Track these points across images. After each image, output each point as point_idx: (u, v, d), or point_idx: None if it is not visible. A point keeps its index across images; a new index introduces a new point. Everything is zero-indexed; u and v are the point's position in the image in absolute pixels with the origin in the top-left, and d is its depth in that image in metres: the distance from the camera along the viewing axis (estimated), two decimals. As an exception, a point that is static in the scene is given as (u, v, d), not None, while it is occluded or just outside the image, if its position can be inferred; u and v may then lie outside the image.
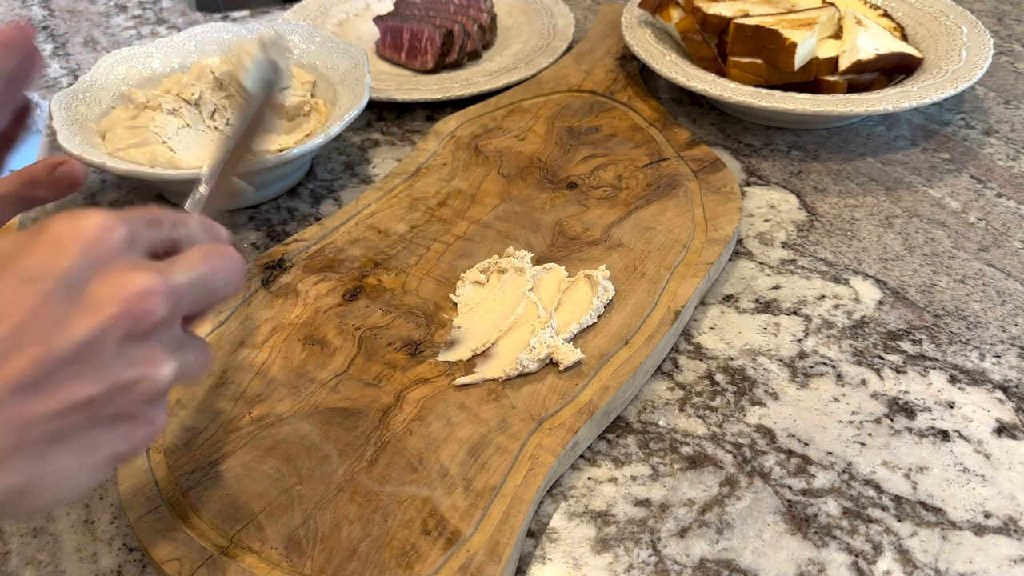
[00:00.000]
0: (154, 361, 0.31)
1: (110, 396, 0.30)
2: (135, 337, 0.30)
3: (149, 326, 0.30)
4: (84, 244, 0.30)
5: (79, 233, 0.30)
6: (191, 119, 0.63)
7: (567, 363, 0.48)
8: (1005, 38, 0.86)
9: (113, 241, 0.30)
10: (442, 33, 0.78)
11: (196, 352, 0.34)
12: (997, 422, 0.48)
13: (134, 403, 0.31)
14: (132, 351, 0.30)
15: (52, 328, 0.29)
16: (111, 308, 0.29)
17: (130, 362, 0.30)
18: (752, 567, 0.41)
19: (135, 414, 0.31)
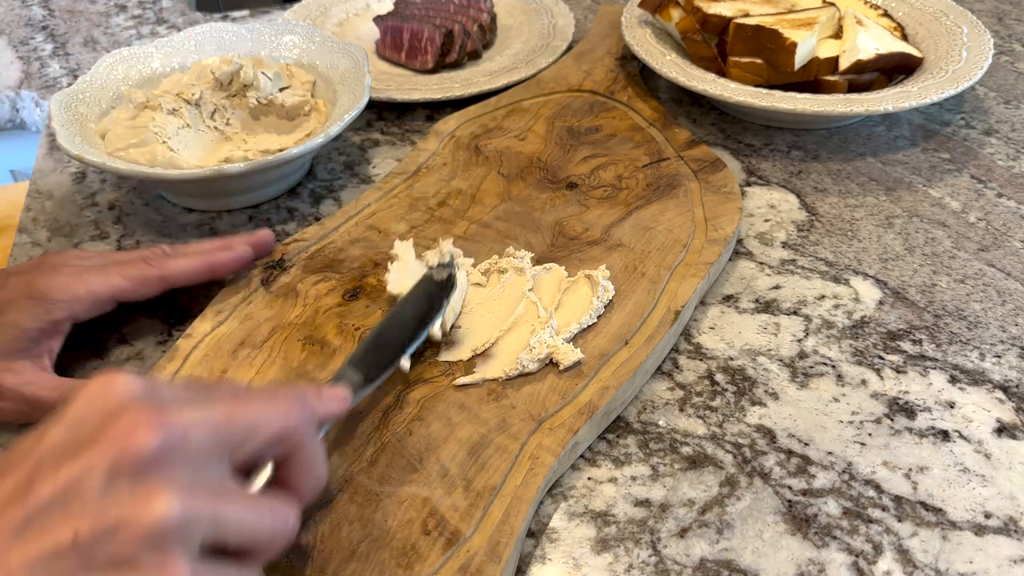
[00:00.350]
0: (147, 497, 0.28)
1: (98, 536, 0.27)
2: (125, 474, 0.28)
3: (138, 459, 0.28)
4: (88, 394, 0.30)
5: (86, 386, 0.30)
6: (191, 119, 0.63)
7: (567, 363, 0.48)
8: (1005, 38, 0.86)
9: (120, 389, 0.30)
10: (442, 33, 0.78)
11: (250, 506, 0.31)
12: (997, 422, 0.48)
13: (130, 546, 0.28)
14: (123, 488, 0.28)
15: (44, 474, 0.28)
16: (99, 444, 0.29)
17: (117, 499, 0.28)
18: (752, 567, 0.41)
19: (136, 559, 0.28)
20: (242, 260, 0.54)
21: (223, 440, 0.31)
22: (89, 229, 0.64)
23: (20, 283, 0.48)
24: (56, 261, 0.50)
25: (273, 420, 0.33)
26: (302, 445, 0.35)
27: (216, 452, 0.31)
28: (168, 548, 0.28)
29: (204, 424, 0.31)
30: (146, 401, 0.30)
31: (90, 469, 0.28)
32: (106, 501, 0.28)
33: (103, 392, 0.30)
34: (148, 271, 0.50)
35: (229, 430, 0.31)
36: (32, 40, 0.92)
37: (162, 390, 0.31)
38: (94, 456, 0.28)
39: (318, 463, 0.36)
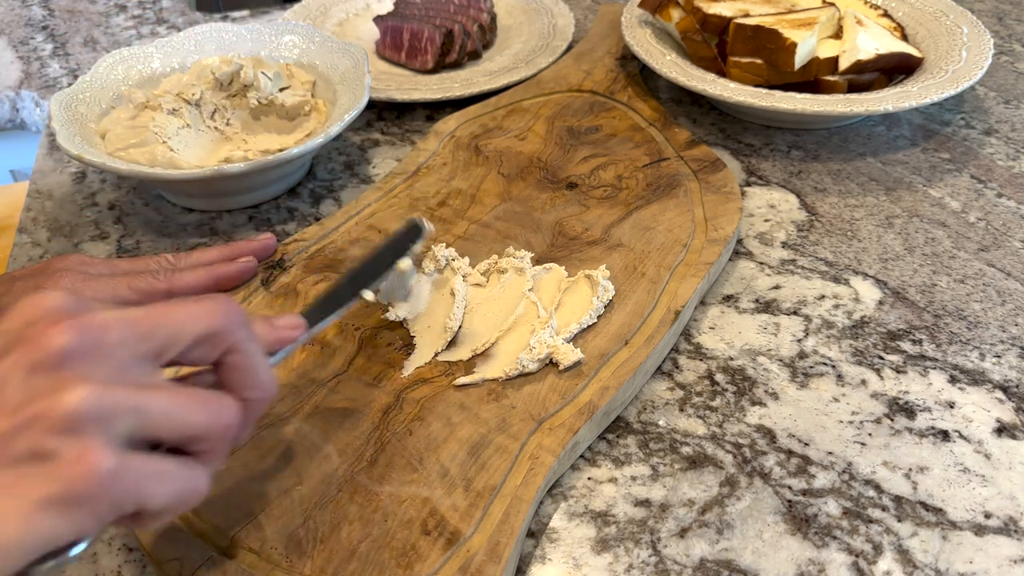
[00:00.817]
0: (59, 387, 0.29)
1: (16, 429, 0.28)
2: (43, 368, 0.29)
3: (54, 354, 0.29)
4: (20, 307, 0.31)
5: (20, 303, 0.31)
6: (191, 119, 0.63)
7: (567, 363, 0.47)
8: (1005, 38, 0.86)
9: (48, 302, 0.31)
10: (442, 33, 0.78)
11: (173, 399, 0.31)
12: (997, 422, 0.48)
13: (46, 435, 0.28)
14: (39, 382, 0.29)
15: None
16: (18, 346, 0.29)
17: (33, 392, 0.29)
18: (752, 567, 0.41)
19: (55, 449, 0.28)
20: (247, 272, 0.54)
21: (143, 338, 0.31)
22: (89, 229, 0.64)
23: (26, 287, 0.48)
24: (62, 266, 0.50)
25: (196, 320, 0.33)
26: (235, 348, 0.34)
27: (139, 351, 0.31)
28: (86, 436, 0.28)
29: (121, 323, 0.31)
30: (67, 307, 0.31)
31: (9, 370, 0.29)
32: (22, 397, 0.29)
33: (32, 304, 0.31)
34: (155, 285, 0.51)
35: (149, 329, 0.32)
36: (32, 40, 0.92)
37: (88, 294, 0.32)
38: (13, 359, 0.29)
39: (258, 367, 0.35)
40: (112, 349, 0.30)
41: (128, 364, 0.31)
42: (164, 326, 0.32)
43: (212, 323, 0.33)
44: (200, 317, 0.33)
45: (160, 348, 0.32)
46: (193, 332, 0.33)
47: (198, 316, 0.33)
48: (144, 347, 0.31)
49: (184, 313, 0.33)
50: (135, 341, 0.31)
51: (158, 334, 0.32)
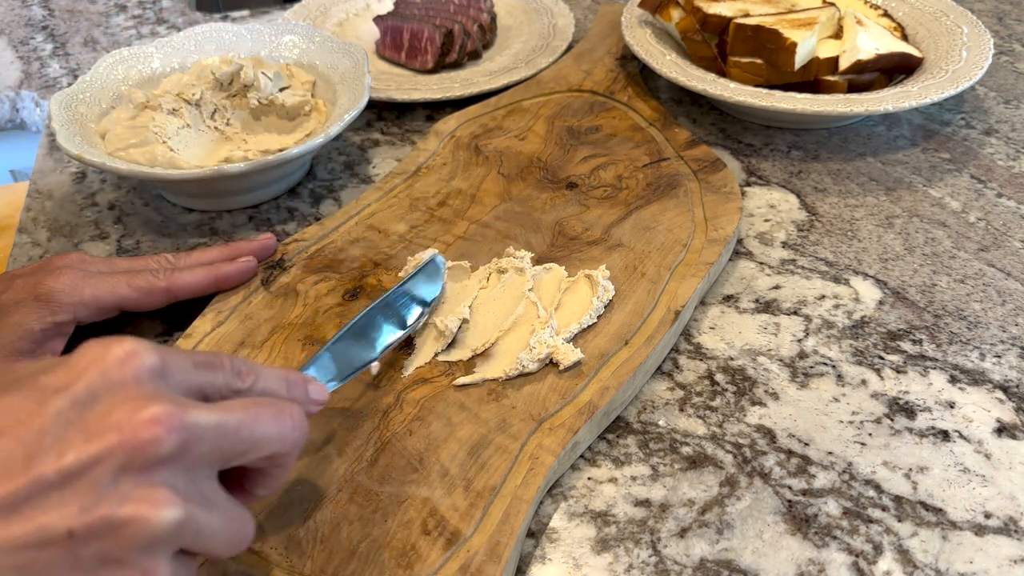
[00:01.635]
0: (153, 501, 0.27)
1: (94, 533, 0.26)
2: (134, 470, 0.27)
3: (151, 459, 0.27)
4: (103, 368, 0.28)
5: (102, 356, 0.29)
6: (191, 119, 0.63)
7: (567, 363, 0.47)
8: (1005, 38, 0.86)
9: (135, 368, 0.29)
10: (442, 33, 0.78)
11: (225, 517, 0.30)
12: (997, 422, 0.48)
13: (124, 547, 0.26)
14: (128, 486, 0.27)
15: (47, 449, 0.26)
16: (110, 434, 0.27)
17: (122, 496, 0.27)
18: (752, 567, 0.41)
19: (125, 561, 0.27)
20: (247, 272, 0.54)
21: (227, 450, 0.30)
22: (89, 229, 0.64)
23: (26, 284, 0.48)
24: (62, 263, 0.50)
25: (276, 440, 0.32)
26: (284, 465, 0.34)
27: (217, 459, 0.30)
28: (157, 552, 0.27)
29: (216, 431, 0.29)
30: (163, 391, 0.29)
31: (100, 458, 0.27)
32: (110, 497, 0.27)
33: (119, 366, 0.29)
34: (155, 283, 0.51)
35: (236, 441, 0.30)
36: (32, 40, 0.92)
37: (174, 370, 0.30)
38: (106, 445, 0.27)
39: (285, 476, 0.35)
40: (198, 458, 0.29)
41: (202, 471, 0.30)
42: (248, 441, 0.31)
43: (286, 444, 0.32)
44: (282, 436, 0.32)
45: (231, 458, 0.31)
46: (268, 450, 0.32)
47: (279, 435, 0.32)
48: (222, 457, 0.30)
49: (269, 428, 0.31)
50: (218, 453, 0.30)
51: (238, 448, 0.31)
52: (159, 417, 0.27)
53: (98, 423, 0.27)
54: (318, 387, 0.38)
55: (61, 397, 0.27)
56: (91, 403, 0.28)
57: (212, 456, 0.30)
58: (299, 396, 0.36)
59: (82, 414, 0.27)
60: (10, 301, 0.48)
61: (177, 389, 0.30)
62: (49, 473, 0.26)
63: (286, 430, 0.32)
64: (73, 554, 0.26)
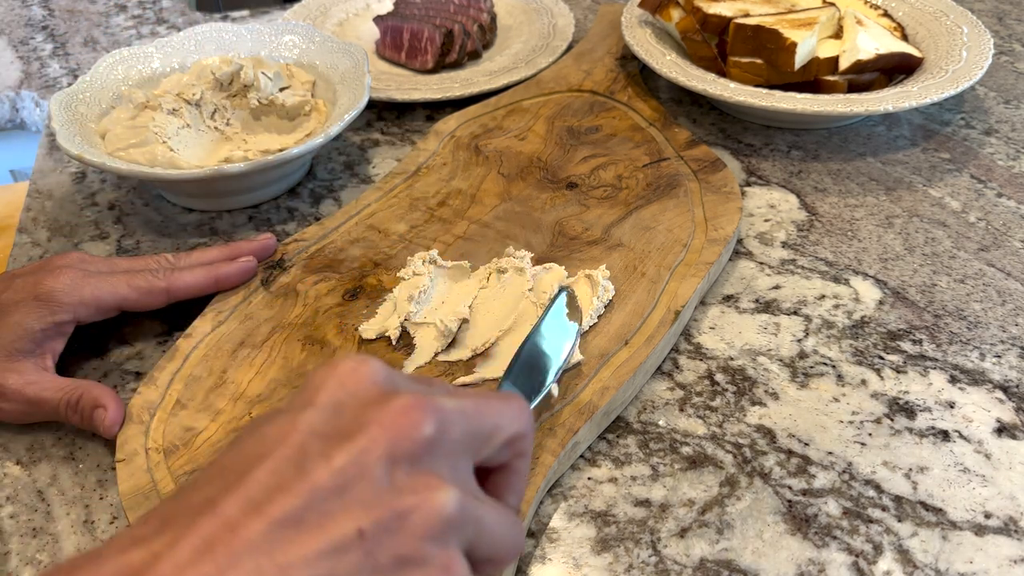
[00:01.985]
0: (430, 486, 0.26)
1: (384, 528, 0.25)
2: (403, 459, 0.27)
3: (417, 444, 0.27)
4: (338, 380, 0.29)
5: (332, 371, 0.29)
6: (191, 119, 0.63)
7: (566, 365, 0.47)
8: (1005, 38, 0.86)
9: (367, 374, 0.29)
10: (442, 33, 0.78)
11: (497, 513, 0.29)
12: (997, 422, 0.48)
13: (416, 539, 0.26)
14: (402, 476, 0.27)
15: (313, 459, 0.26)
16: (371, 428, 0.27)
17: (400, 487, 0.26)
18: (752, 567, 0.41)
19: (422, 556, 0.26)
20: (247, 272, 0.54)
21: (476, 435, 0.30)
22: (89, 229, 0.64)
23: (26, 284, 0.48)
24: (62, 263, 0.50)
25: (513, 421, 0.31)
26: (525, 453, 0.33)
27: (470, 446, 0.30)
28: (450, 543, 0.27)
29: (463, 415, 0.29)
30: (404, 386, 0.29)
31: (367, 455, 0.26)
32: (388, 490, 0.26)
33: (353, 375, 0.29)
34: (155, 283, 0.51)
35: (480, 425, 0.30)
36: (32, 40, 0.92)
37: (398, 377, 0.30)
38: (369, 439, 0.26)
39: (527, 474, 0.34)
40: (455, 444, 0.29)
41: (462, 461, 0.29)
42: (488, 423, 0.30)
43: (521, 426, 0.32)
44: (514, 418, 0.31)
45: (481, 444, 0.30)
46: (508, 432, 0.31)
47: (513, 416, 0.31)
48: (472, 443, 0.30)
49: (501, 410, 0.31)
50: (469, 437, 0.29)
51: (483, 431, 0.30)
52: (412, 403, 0.27)
53: (354, 422, 0.27)
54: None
55: (309, 412, 0.28)
56: (340, 409, 0.28)
57: (465, 441, 0.29)
58: None
59: (335, 421, 0.27)
60: (10, 301, 0.48)
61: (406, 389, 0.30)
62: (324, 478, 0.26)
63: (516, 412, 0.32)
64: (370, 556, 0.25)
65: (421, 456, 0.27)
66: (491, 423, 0.30)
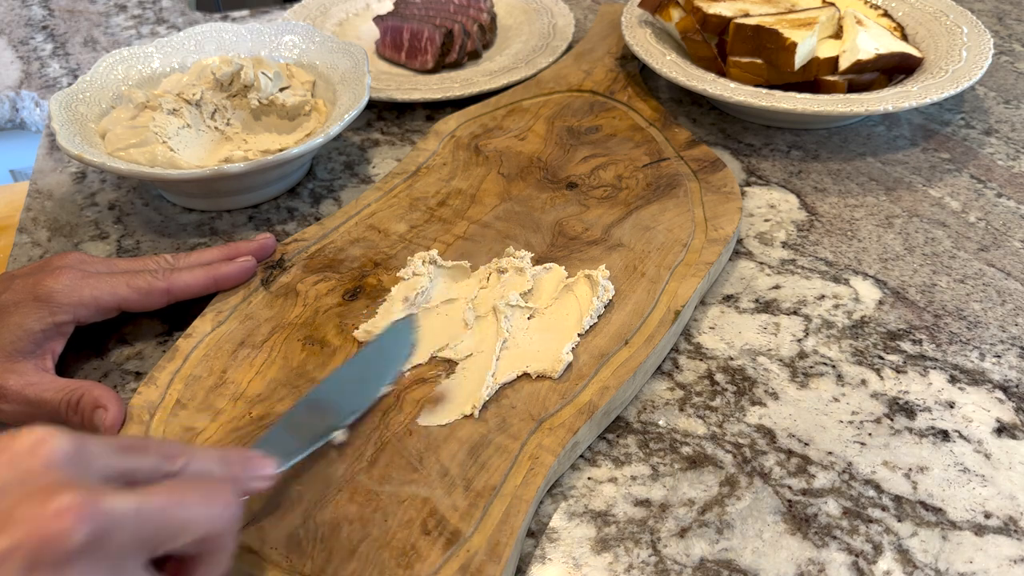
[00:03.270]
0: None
1: None
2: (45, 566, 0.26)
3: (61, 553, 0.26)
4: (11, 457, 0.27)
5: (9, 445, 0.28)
6: (191, 119, 0.63)
7: (557, 373, 0.47)
8: (1005, 38, 0.86)
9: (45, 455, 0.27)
10: (442, 33, 0.78)
11: None
12: (997, 422, 0.48)
13: None
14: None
15: None
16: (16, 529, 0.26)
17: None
18: (752, 567, 0.41)
19: None
20: (247, 272, 0.54)
21: (151, 537, 0.29)
22: (89, 229, 0.64)
23: (25, 285, 0.48)
24: (62, 263, 0.50)
25: (204, 521, 0.31)
26: (220, 548, 0.32)
27: (142, 548, 0.29)
28: None
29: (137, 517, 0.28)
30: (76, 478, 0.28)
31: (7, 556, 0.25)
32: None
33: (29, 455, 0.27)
34: (154, 283, 0.51)
35: (160, 527, 0.29)
36: (32, 40, 0.92)
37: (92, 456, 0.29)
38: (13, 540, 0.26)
39: (223, 566, 0.33)
40: (119, 548, 0.28)
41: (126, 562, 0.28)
42: (173, 525, 0.30)
43: (216, 526, 0.31)
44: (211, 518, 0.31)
45: (158, 545, 0.30)
46: (199, 532, 0.31)
47: (209, 517, 0.31)
48: (146, 545, 0.29)
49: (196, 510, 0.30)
50: (141, 540, 0.29)
51: (164, 534, 0.30)
52: (68, 506, 0.26)
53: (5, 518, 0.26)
54: (262, 463, 0.37)
55: None
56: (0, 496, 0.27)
57: (136, 544, 0.28)
58: (238, 474, 0.35)
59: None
60: (9, 302, 0.48)
61: (97, 476, 0.29)
62: None
63: (216, 511, 0.31)
64: None
65: (67, 563, 0.26)
66: (177, 524, 0.30)
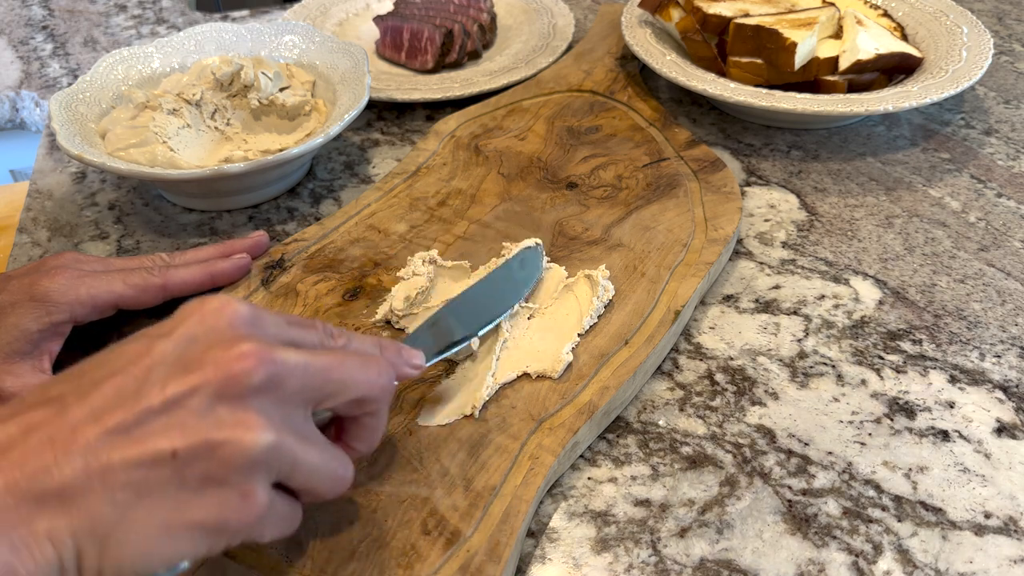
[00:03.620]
0: (245, 425, 0.30)
1: (195, 453, 0.29)
2: (228, 399, 0.30)
3: (243, 388, 0.30)
4: (201, 316, 0.32)
5: (199, 307, 0.32)
6: (191, 119, 0.63)
7: (557, 373, 0.47)
8: (1005, 38, 0.86)
9: (230, 315, 0.32)
10: (442, 33, 0.78)
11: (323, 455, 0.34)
12: (997, 422, 0.48)
13: (223, 468, 0.30)
14: (224, 412, 0.30)
15: (154, 382, 0.30)
16: (207, 368, 0.30)
17: (219, 421, 0.30)
18: (752, 567, 0.41)
19: (226, 481, 0.30)
20: (242, 269, 0.54)
21: (316, 389, 0.33)
22: (89, 229, 0.64)
23: (21, 285, 0.48)
24: (57, 263, 0.50)
25: (363, 383, 0.35)
26: (376, 411, 0.37)
27: (308, 398, 0.33)
28: (254, 475, 0.31)
29: (305, 371, 0.32)
30: (257, 334, 0.32)
31: (197, 388, 0.30)
32: (207, 422, 0.30)
33: (216, 314, 0.32)
34: (151, 280, 0.51)
35: (324, 382, 0.33)
36: (32, 40, 0.92)
37: (267, 323, 0.33)
38: (203, 377, 0.30)
39: (382, 430, 0.38)
40: (290, 394, 0.32)
41: (296, 409, 0.33)
42: (335, 382, 0.34)
43: (373, 390, 0.35)
44: (368, 381, 0.35)
45: (323, 398, 0.34)
46: (355, 393, 0.35)
47: (367, 380, 0.35)
48: (312, 396, 0.33)
49: (355, 373, 0.35)
50: (308, 391, 0.33)
51: (327, 389, 0.34)
52: (250, 352, 0.31)
53: (197, 359, 0.31)
54: (414, 352, 0.41)
55: (166, 340, 0.31)
56: (192, 344, 0.31)
57: (303, 393, 0.33)
58: (391, 358, 0.39)
59: (184, 353, 0.31)
60: (6, 302, 0.48)
61: (269, 337, 0.33)
62: (155, 403, 0.30)
63: (372, 376, 0.35)
64: (179, 473, 0.29)
65: (247, 398, 0.30)
66: (336, 383, 0.34)
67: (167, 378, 0.30)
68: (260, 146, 0.64)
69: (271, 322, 0.34)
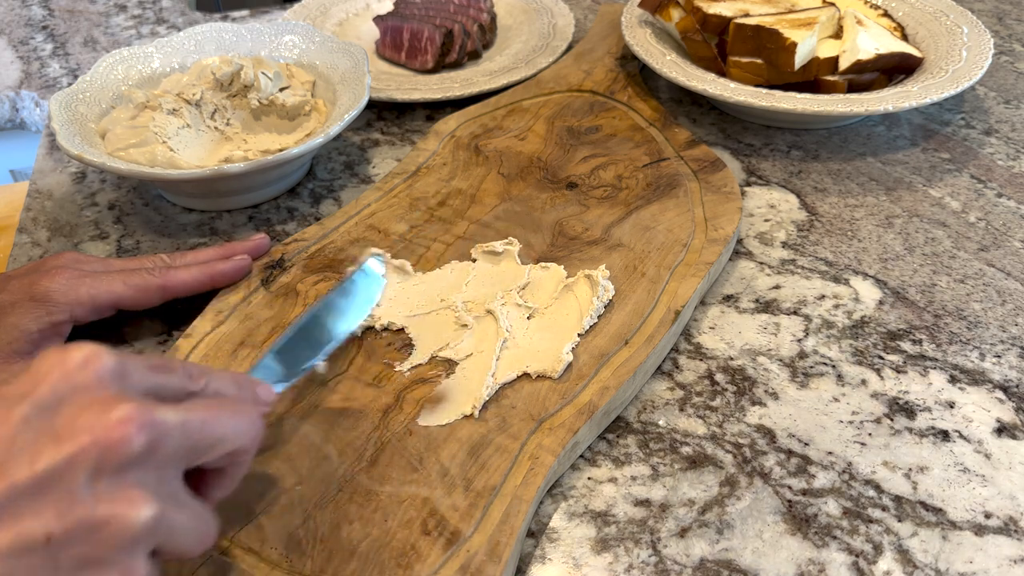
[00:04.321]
0: (129, 500, 0.27)
1: (73, 535, 0.26)
2: (108, 471, 0.27)
3: (123, 459, 0.28)
4: (64, 372, 0.29)
5: (61, 361, 0.29)
6: (191, 119, 0.63)
7: (557, 373, 0.47)
8: (1005, 38, 0.86)
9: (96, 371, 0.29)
10: (442, 33, 0.78)
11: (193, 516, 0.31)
12: (997, 422, 0.48)
13: (104, 548, 0.27)
14: (104, 487, 0.27)
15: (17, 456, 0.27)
16: (81, 436, 0.27)
17: (99, 499, 0.27)
18: (752, 567, 0.41)
19: (105, 561, 0.27)
20: (242, 270, 0.54)
21: (192, 449, 0.31)
22: (89, 229, 0.64)
23: (21, 285, 0.48)
24: (57, 263, 0.50)
25: (238, 436, 0.33)
26: (243, 463, 0.35)
27: (183, 458, 0.31)
28: (136, 551, 0.28)
29: (183, 430, 0.30)
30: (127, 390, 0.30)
31: (72, 461, 0.27)
32: (85, 501, 0.27)
33: (80, 369, 0.29)
34: (150, 281, 0.51)
35: (200, 439, 0.31)
36: (32, 40, 0.92)
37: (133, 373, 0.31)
38: (78, 446, 0.27)
39: (242, 476, 0.36)
40: (167, 457, 0.30)
41: (170, 471, 0.31)
42: (212, 439, 0.32)
43: (245, 442, 0.34)
44: (241, 433, 0.33)
45: (196, 456, 0.32)
46: (231, 446, 0.33)
47: (240, 431, 0.33)
48: (188, 456, 0.31)
49: (229, 426, 0.33)
50: (184, 451, 0.31)
51: (203, 446, 0.32)
52: (129, 416, 0.28)
53: (68, 426, 0.27)
54: (265, 388, 0.39)
55: (26, 404, 0.28)
56: (57, 407, 0.28)
57: (179, 454, 0.30)
58: (248, 397, 0.37)
59: (50, 418, 0.28)
60: (5, 303, 0.48)
61: (136, 391, 0.30)
62: (23, 480, 0.26)
63: (244, 426, 0.33)
64: (53, 558, 0.26)
65: (127, 469, 0.28)
66: (213, 438, 0.32)
67: (35, 449, 0.27)
68: (260, 146, 0.64)
69: (136, 371, 0.31)
